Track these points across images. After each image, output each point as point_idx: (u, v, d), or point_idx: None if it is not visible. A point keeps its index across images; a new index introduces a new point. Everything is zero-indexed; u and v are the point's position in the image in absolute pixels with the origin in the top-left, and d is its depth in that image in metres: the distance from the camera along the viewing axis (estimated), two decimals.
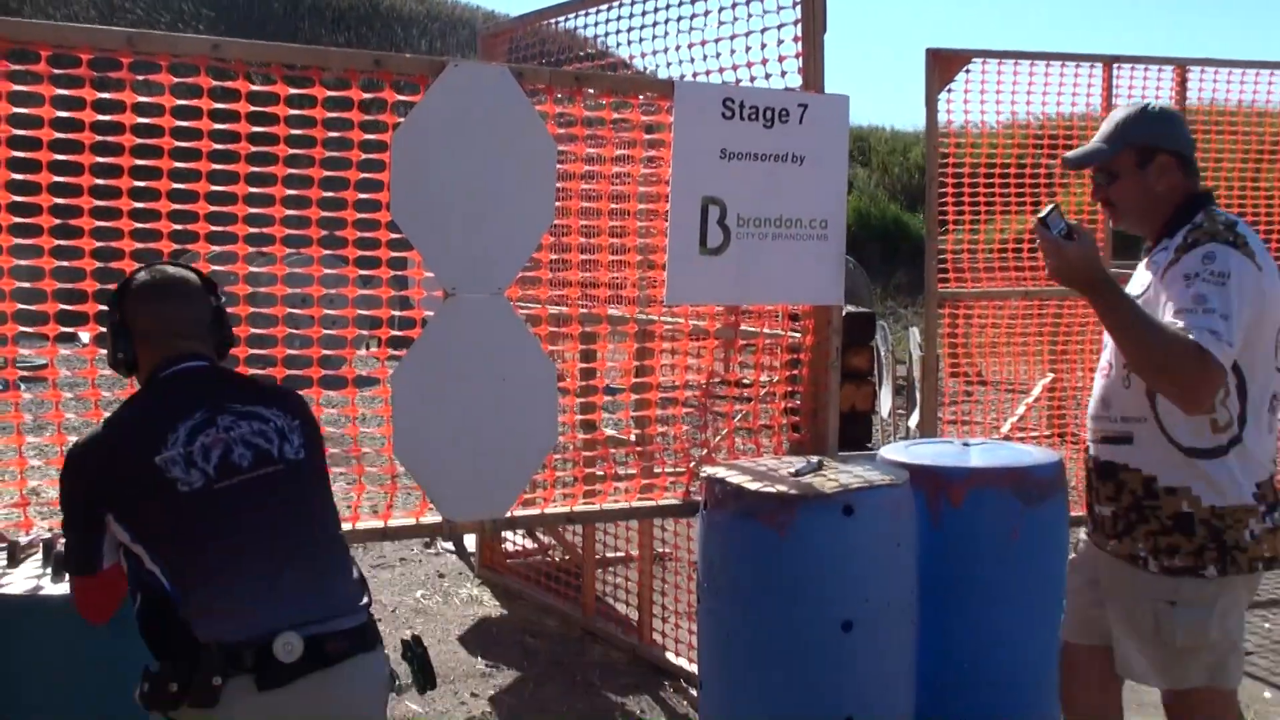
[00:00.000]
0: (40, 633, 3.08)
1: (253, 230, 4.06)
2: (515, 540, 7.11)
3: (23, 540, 3.42)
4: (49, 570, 3.24)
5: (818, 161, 4.61)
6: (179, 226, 3.93)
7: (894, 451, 4.74)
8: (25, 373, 10.01)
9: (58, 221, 3.73)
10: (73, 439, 2.84)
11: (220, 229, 3.99)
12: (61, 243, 3.77)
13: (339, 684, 2.68)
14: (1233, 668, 3.39)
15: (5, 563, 3.31)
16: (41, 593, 3.11)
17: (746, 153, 4.49)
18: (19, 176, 3.69)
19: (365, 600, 2.86)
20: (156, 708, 2.63)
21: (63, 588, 3.10)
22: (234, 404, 2.84)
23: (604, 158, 4.63)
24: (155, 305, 2.94)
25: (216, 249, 4.00)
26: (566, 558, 6.58)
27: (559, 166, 4.23)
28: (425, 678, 2.98)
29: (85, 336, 3.90)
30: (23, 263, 3.75)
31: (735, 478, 4.19)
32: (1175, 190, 3.40)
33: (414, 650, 2.99)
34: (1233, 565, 3.26)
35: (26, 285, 3.70)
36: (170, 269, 3.03)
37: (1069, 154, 3.55)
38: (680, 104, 4.34)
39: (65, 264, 3.79)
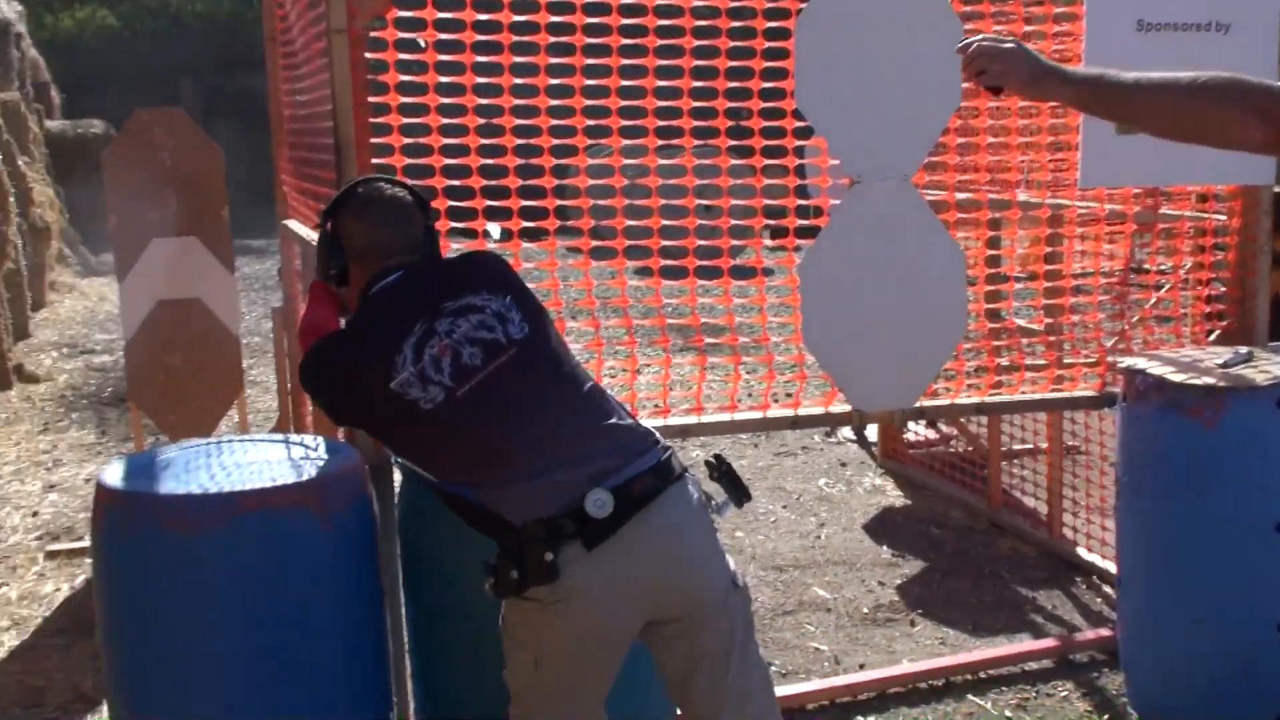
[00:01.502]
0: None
1: (660, 123, 4.11)
2: (917, 430, 7.04)
3: None
4: None
5: (1244, 29, 4.26)
6: (591, 122, 4.03)
7: None
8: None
9: (481, 121, 3.89)
10: None
11: (630, 123, 4.06)
12: (485, 141, 3.93)
13: (660, 519, 2.71)
14: None
15: None
16: None
17: (1165, 23, 4.19)
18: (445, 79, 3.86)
19: (653, 436, 2.85)
20: (508, 594, 2.74)
21: None
22: (446, 303, 2.83)
23: (1012, 34, 4.43)
24: (369, 223, 2.99)
25: (627, 142, 4.08)
26: (970, 449, 6.47)
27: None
28: (738, 491, 2.96)
29: (495, 231, 4.06)
30: (451, 161, 3.94)
31: (1157, 369, 3.98)
32: None
33: (719, 469, 2.98)
34: None
35: (456, 183, 3.89)
36: (386, 186, 3.08)
37: None
38: None
39: (490, 161, 3.96)
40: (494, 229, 4.09)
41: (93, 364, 10.93)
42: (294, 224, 5.41)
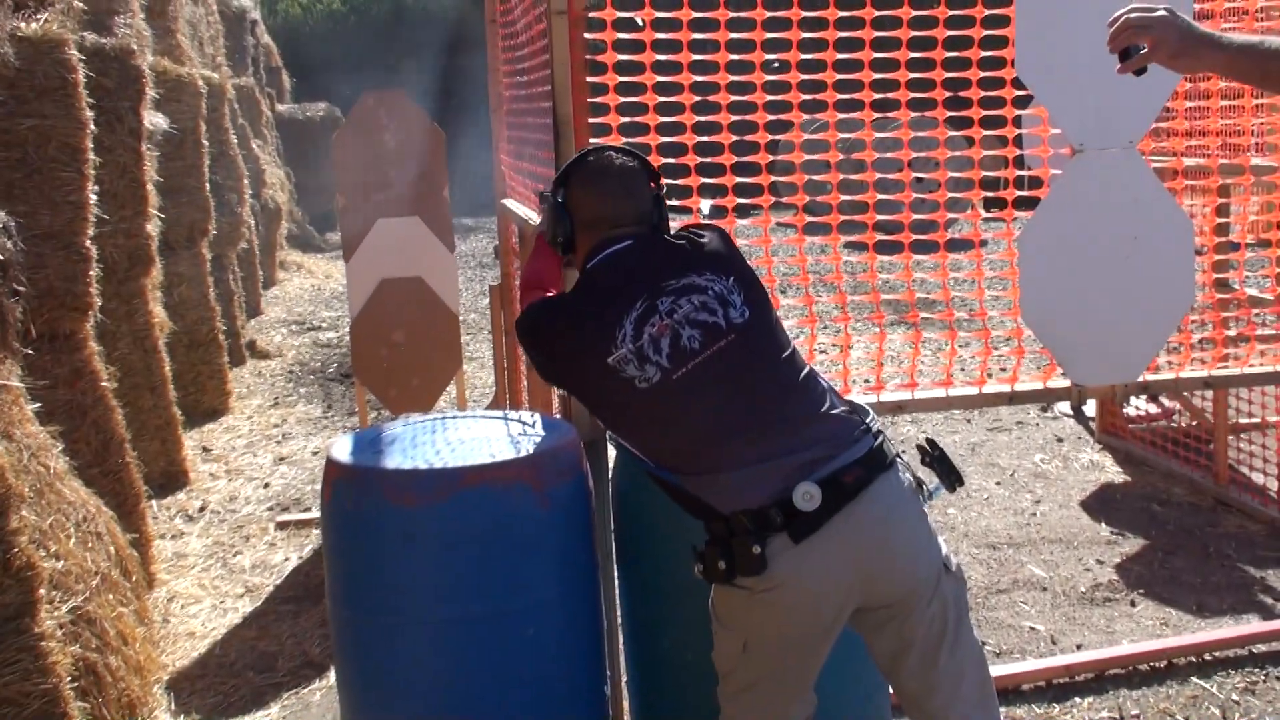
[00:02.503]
0: None
1: (877, 96, 4.07)
2: (1137, 405, 6.84)
3: None
4: None
5: None
6: (806, 96, 4.01)
7: None
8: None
9: (697, 99, 3.91)
10: None
11: (846, 96, 4.04)
12: (700, 119, 3.96)
13: (868, 511, 2.66)
14: None
15: None
16: None
17: None
18: (661, 57, 3.90)
19: (864, 425, 2.78)
20: (716, 581, 2.74)
21: None
22: (669, 280, 2.79)
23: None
24: (596, 192, 2.97)
25: (842, 116, 4.05)
26: (1195, 424, 6.26)
27: (1195, 5, 3.94)
28: (951, 476, 2.88)
29: (706, 206, 4.08)
30: (666, 139, 3.97)
31: None
32: None
33: (931, 453, 2.91)
34: None
35: (671, 161, 3.93)
36: (615, 156, 3.04)
37: None
38: None
39: (705, 139, 3.98)
40: (705, 205, 4.12)
41: (319, 340, 11.36)
42: (512, 203, 5.52)
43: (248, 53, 15.99)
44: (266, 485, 6.98)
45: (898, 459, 2.80)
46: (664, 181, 3.39)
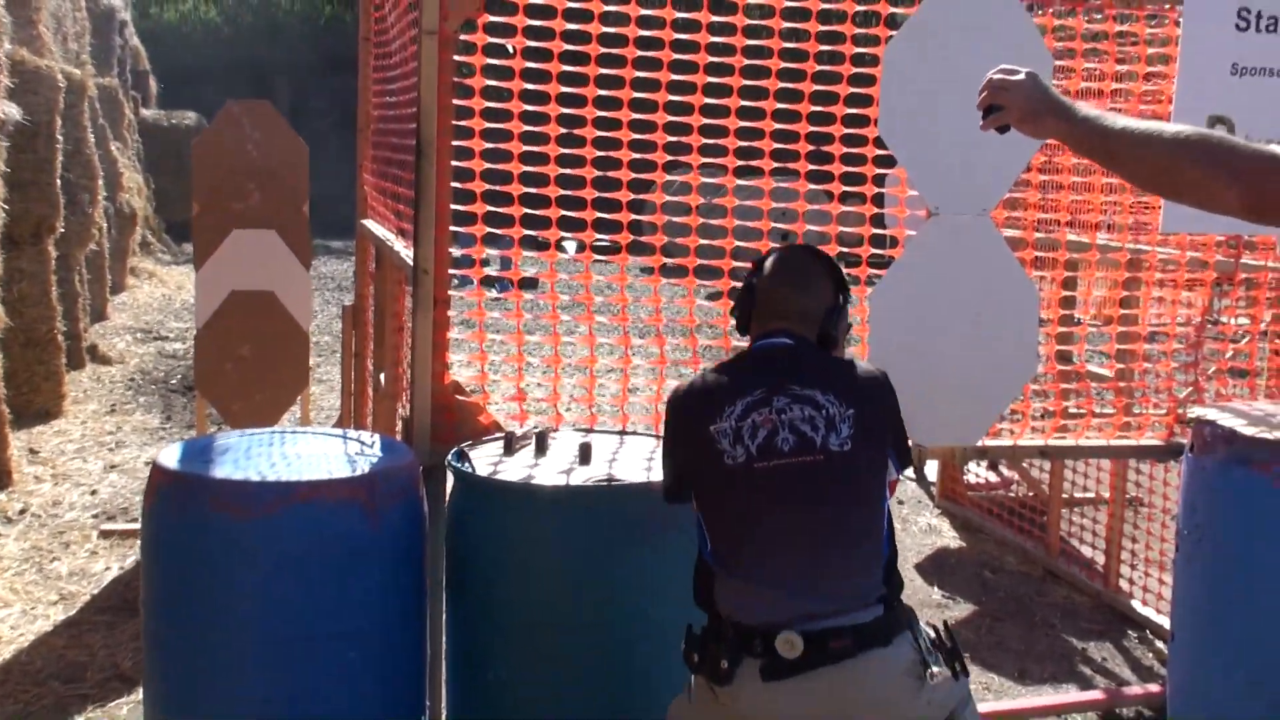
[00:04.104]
0: (529, 520, 3.24)
1: (741, 143, 4.10)
2: (976, 472, 6.96)
3: (518, 432, 3.61)
4: (539, 460, 3.42)
5: None
6: (672, 138, 4.02)
7: None
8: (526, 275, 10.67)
9: (562, 131, 3.90)
10: (567, 340, 2.95)
11: (711, 141, 4.05)
12: (565, 151, 3.95)
13: (848, 681, 2.64)
14: None
15: (502, 451, 3.51)
16: (533, 481, 3.27)
17: (1261, 68, 4.12)
18: (530, 86, 3.88)
19: (883, 593, 2.76)
20: (689, 667, 2.76)
21: (554, 479, 3.27)
22: (793, 385, 2.82)
23: (1103, 74, 4.38)
24: (775, 282, 3.01)
25: (705, 160, 4.07)
26: (1031, 494, 6.39)
27: (1055, 83, 4.04)
28: (957, 666, 2.79)
29: (571, 247, 4.07)
30: (529, 169, 3.95)
31: (1228, 420, 3.90)
32: None
33: (941, 641, 2.82)
34: None
35: (532, 191, 3.91)
36: (804, 253, 3.09)
37: None
38: (1189, 14, 4.04)
39: (568, 172, 3.96)
40: (570, 245, 4.10)
41: (165, 350, 11.09)
42: (371, 224, 5.45)
43: (114, 53, 15.64)
44: (94, 492, 6.75)
45: (908, 633, 2.74)
46: (523, 211, 3.37)
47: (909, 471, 7.46)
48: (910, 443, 4.03)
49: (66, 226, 8.86)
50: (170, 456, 3.26)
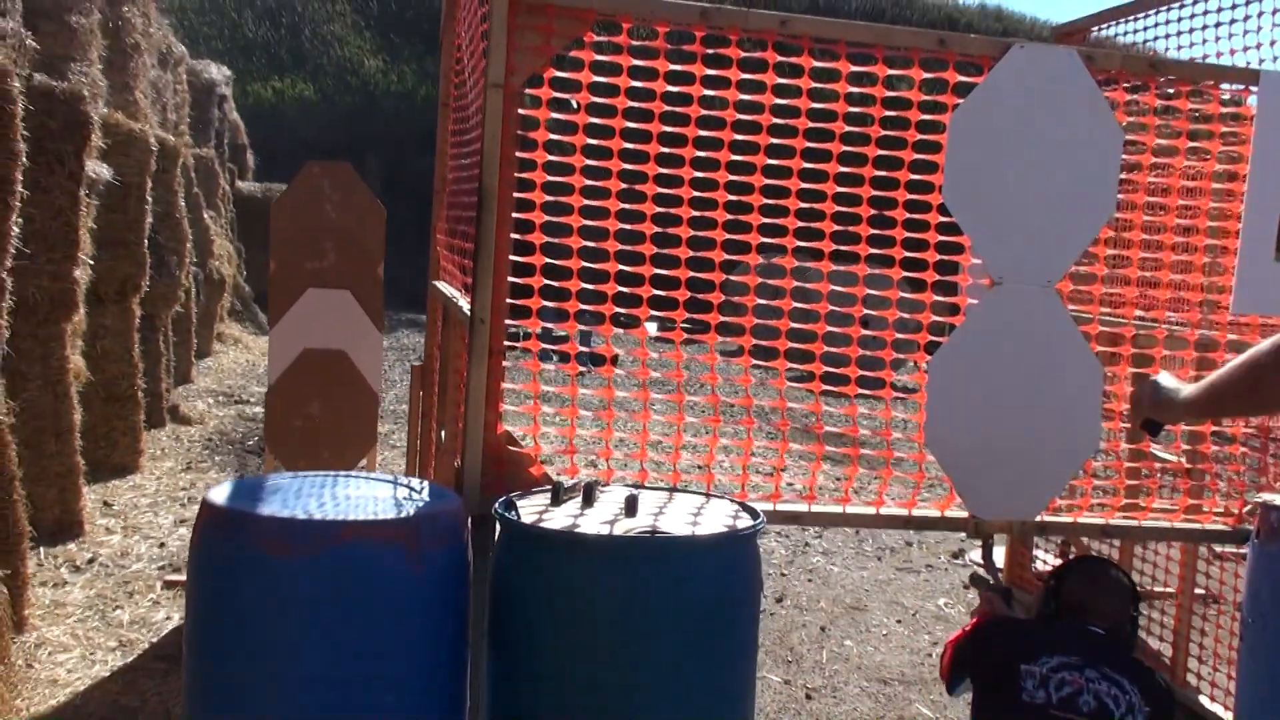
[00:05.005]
0: (569, 568, 3.22)
1: (801, 224, 4.06)
2: (1045, 559, 6.81)
3: (566, 483, 3.60)
4: (586, 511, 3.40)
5: None
6: (731, 216, 4.01)
7: None
8: (586, 350, 10.79)
9: (623, 206, 3.92)
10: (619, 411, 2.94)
11: (771, 221, 4.03)
12: (625, 226, 3.96)
13: None
14: None
15: (549, 502, 3.50)
16: (578, 530, 3.25)
17: None
18: (592, 163, 3.90)
19: None
20: None
21: (597, 528, 3.25)
22: (1108, 669, 3.22)
23: (1175, 149, 4.33)
24: (1093, 589, 3.45)
25: (765, 239, 4.05)
26: None
27: (1124, 157, 4.00)
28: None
29: (652, 328, 4.07)
30: (589, 244, 3.96)
31: None
32: None
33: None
34: None
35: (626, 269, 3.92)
36: (1110, 567, 3.63)
37: None
38: (1265, 93, 3.99)
39: (628, 248, 3.97)
40: (652, 327, 4.12)
41: (244, 414, 11.22)
42: (441, 284, 5.50)
43: (212, 125, 16.03)
44: (162, 545, 6.82)
45: None
46: (580, 264, 3.38)
47: (976, 555, 7.34)
48: (968, 514, 4.00)
49: (153, 287, 9.04)
50: (220, 494, 3.27)
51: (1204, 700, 5.21)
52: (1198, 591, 5.46)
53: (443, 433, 5.04)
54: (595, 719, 3.17)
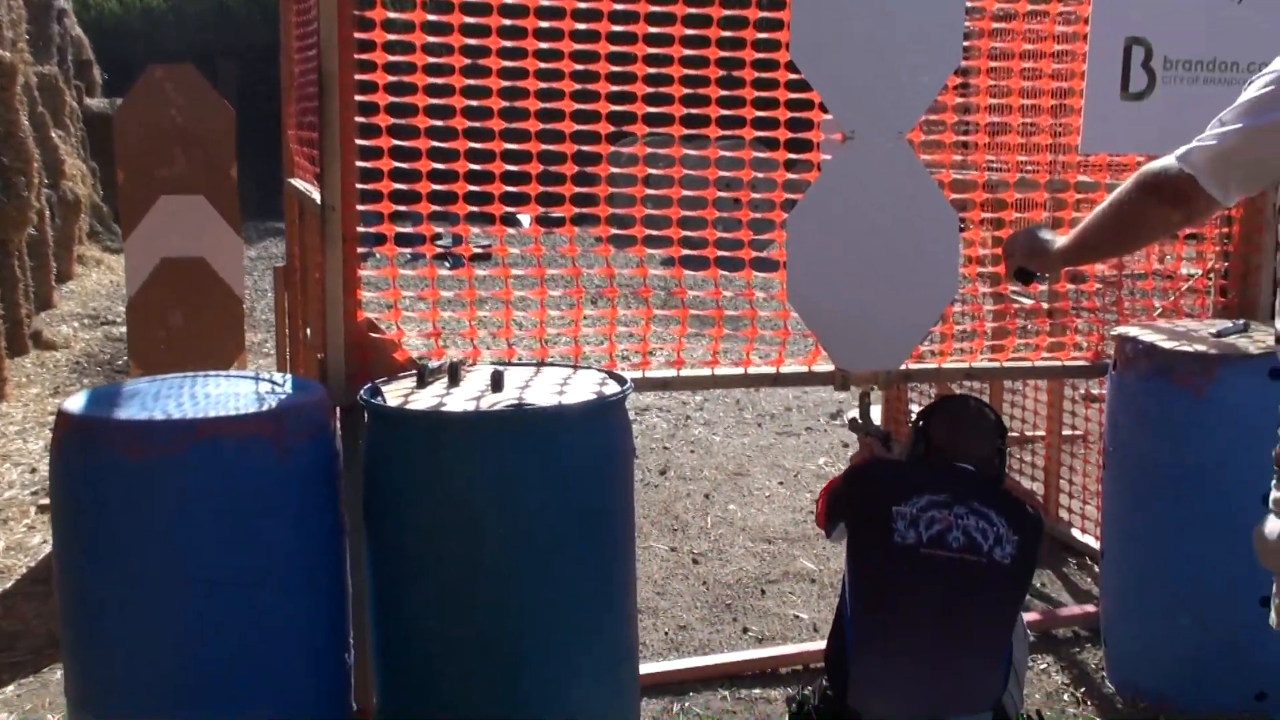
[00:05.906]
0: (435, 448, 3.20)
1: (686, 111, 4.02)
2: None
3: (431, 365, 3.57)
4: (452, 390, 3.38)
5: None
6: (616, 107, 3.95)
7: None
8: (478, 250, 10.62)
9: (505, 104, 3.84)
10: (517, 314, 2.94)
11: (620, 88, 3.98)
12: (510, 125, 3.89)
13: None
14: None
15: (415, 385, 3.47)
16: (444, 409, 3.22)
17: None
18: (433, 39, 3.81)
19: (993, 698, 3.25)
20: None
21: (462, 406, 3.22)
22: (975, 503, 3.25)
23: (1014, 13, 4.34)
24: (954, 428, 3.42)
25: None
26: None
27: (968, 3, 4.01)
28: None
29: (525, 220, 4.01)
30: (476, 145, 3.88)
31: (1149, 336, 3.91)
32: None
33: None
34: None
35: (477, 168, 3.85)
36: (973, 403, 3.59)
37: None
38: None
39: (513, 146, 3.90)
40: (525, 219, 4.05)
41: (111, 334, 10.97)
42: (296, 181, 5.38)
43: (53, 41, 15.42)
44: (34, 470, 6.67)
45: None
46: (429, 144, 3.32)
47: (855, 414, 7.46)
48: (835, 368, 4.04)
49: (2, 211, 8.74)
50: (75, 403, 3.18)
51: (1075, 533, 5.39)
52: (1066, 433, 5.62)
53: (308, 330, 4.96)
54: (475, 597, 3.17)
